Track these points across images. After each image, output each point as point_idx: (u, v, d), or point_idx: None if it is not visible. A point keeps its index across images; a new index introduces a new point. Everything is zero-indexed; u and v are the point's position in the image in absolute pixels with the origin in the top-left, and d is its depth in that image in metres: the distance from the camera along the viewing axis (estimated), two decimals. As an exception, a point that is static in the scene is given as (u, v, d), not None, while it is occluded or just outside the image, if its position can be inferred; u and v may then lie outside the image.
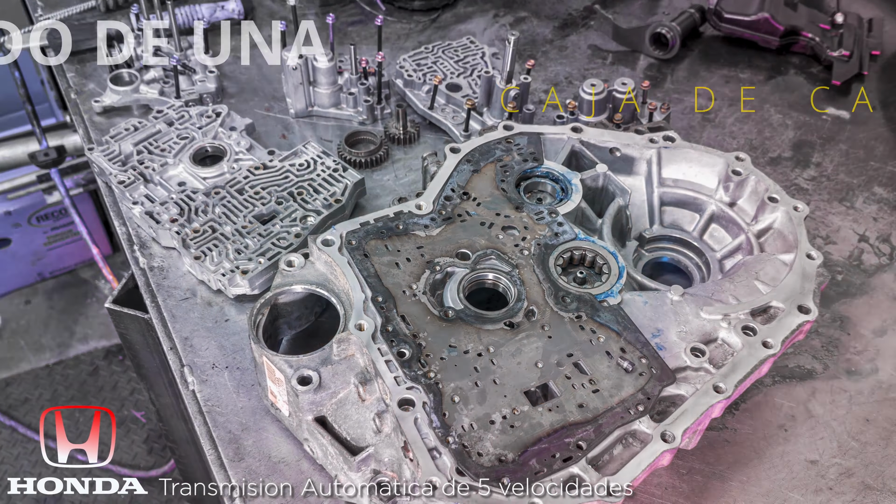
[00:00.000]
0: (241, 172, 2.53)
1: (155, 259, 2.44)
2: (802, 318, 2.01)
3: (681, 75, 3.08)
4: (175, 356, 2.24)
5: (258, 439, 2.07)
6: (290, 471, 2.01)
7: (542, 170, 2.30)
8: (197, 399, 2.15)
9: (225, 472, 2.02)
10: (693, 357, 1.94)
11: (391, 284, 2.03)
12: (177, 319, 2.30)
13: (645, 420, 1.84)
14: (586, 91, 2.60)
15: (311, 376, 1.92)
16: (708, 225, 2.36)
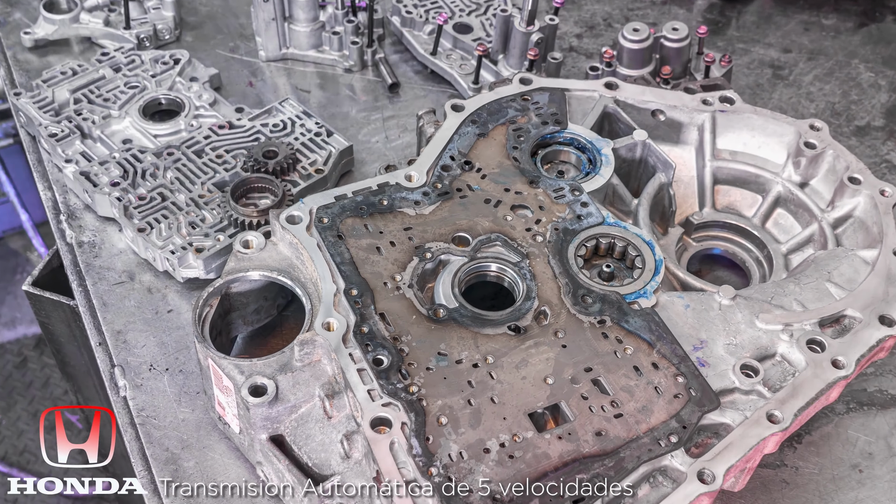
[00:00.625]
0: (202, 131, 2.50)
1: (86, 232, 2.41)
2: (885, 331, 1.95)
3: (749, 20, 3.00)
4: (104, 353, 2.21)
5: (201, 460, 2.03)
6: (238, 502, 1.98)
7: (566, 135, 2.25)
8: (129, 407, 2.12)
9: (159, 501, 1.99)
10: (743, 377, 1.88)
11: (369, 274, 1.98)
12: (108, 308, 2.27)
13: (679, 454, 1.78)
14: (627, 37, 2.53)
15: (267, 385, 1.88)
16: (772, 210, 2.31)
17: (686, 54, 2.58)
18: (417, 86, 2.75)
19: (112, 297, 2.29)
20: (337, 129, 2.60)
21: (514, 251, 2.04)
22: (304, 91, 2.75)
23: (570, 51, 2.87)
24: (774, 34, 2.95)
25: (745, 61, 2.87)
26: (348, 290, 1.95)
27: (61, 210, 2.45)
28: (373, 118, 2.67)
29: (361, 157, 2.58)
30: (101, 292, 2.30)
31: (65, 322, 2.47)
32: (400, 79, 2.76)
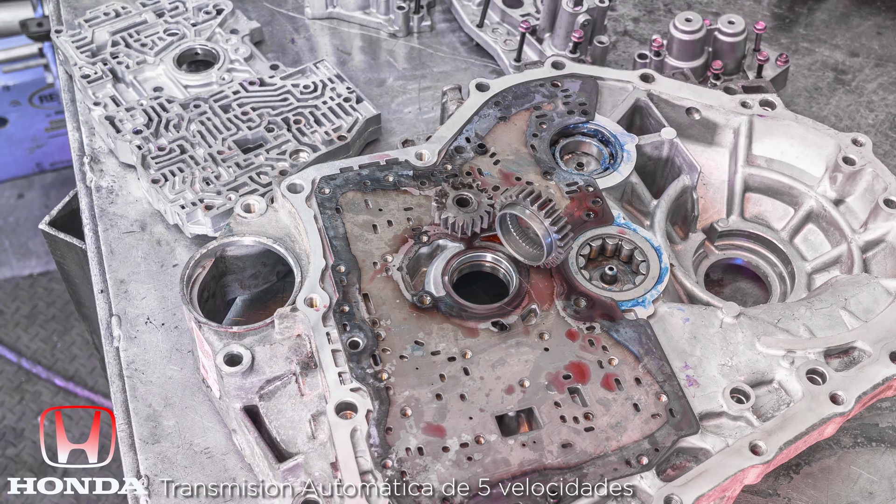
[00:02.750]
0: (232, 86, 2.44)
1: (105, 178, 2.39)
2: (894, 370, 1.83)
3: (819, 18, 2.83)
4: (105, 301, 2.20)
5: (181, 420, 2.01)
6: (212, 466, 1.95)
7: (590, 127, 2.15)
8: (119, 359, 2.11)
9: (134, 456, 1.98)
10: (733, 402, 1.78)
11: (361, 252, 1.93)
12: (115, 256, 2.26)
13: (648, 476, 1.70)
14: (679, 27, 2.41)
15: (242, 355, 1.84)
16: (803, 225, 2.18)
17: (741, 50, 2.45)
18: (461, 58, 2.67)
19: (121, 246, 2.27)
20: (370, 95, 2.54)
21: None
22: (344, 53, 2.68)
23: (624, 34, 2.75)
24: (844, 35, 2.77)
25: (807, 62, 2.70)
26: (336, 267, 1.90)
27: (86, 152, 2.44)
28: (409, 87, 2.60)
29: (391, 126, 2.51)
30: (110, 239, 2.28)
31: (78, 264, 2.46)
32: (444, 49, 2.68)
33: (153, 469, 1.95)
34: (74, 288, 2.66)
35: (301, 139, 2.34)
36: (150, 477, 1.94)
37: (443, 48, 2.70)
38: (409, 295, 1.88)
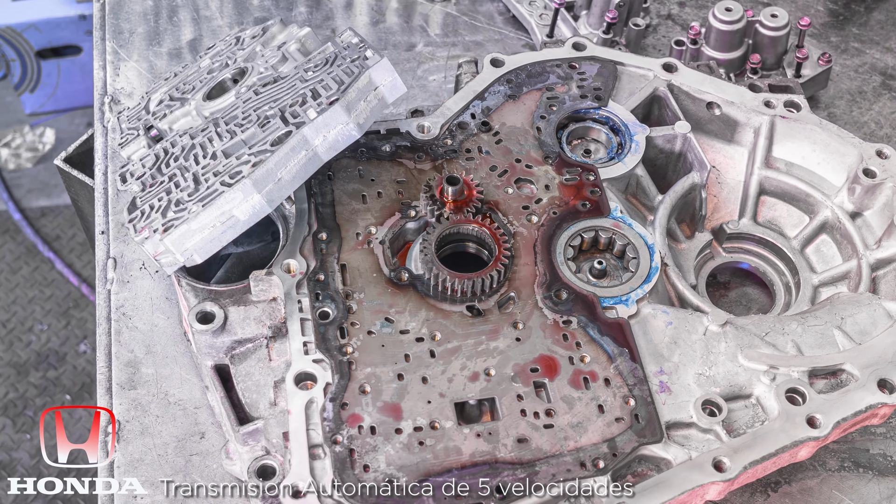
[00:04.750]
0: (246, 95, 2.03)
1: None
2: (879, 398, 1.75)
3: (875, 18, 2.69)
4: (104, 243, 2.21)
5: (159, 370, 2.02)
6: (184, 418, 1.96)
7: (602, 113, 2.08)
8: (109, 302, 2.11)
9: (109, 400, 1.99)
10: (703, 414, 1.72)
11: (345, 221, 1.90)
12: (120, 198, 2.26)
13: (602, 481, 1.65)
14: (718, 16, 2.32)
15: (215, 314, 1.83)
16: (817, 235, 2.10)
17: (782, 45, 2.36)
18: (495, 28, 2.60)
19: (127, 188, 2.28)
20: (397, 60, 2.50)
21: (503, 227, 1.91)
22: (377, 12, 2.63)
23: (668, 18, 2.65)
24: (901, 37, 2.65)
25: (855, 63, 2.58)
26: (317, 234, 1.88)
27: (108, 91, 2.44)
28: (438, 54, 2.54)
29: (413, 93, 2.46)
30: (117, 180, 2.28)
31: (90, 202, 2.47)
32: (480, 18, 2.62)
33: (126, 415, 1.96)
34: (88, 225, 2.68)
35: (288, 119, 1.87)
36: (122, 423, 1.95)
37: (479, 17, 2.64)
38: (386, 270, 1.85)
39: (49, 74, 4.88)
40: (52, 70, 4.86)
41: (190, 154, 1.92)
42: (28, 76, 4.86)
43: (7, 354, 4.33)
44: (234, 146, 1.88)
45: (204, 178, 1.85)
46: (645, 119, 2.13)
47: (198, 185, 1.83)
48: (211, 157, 1.88)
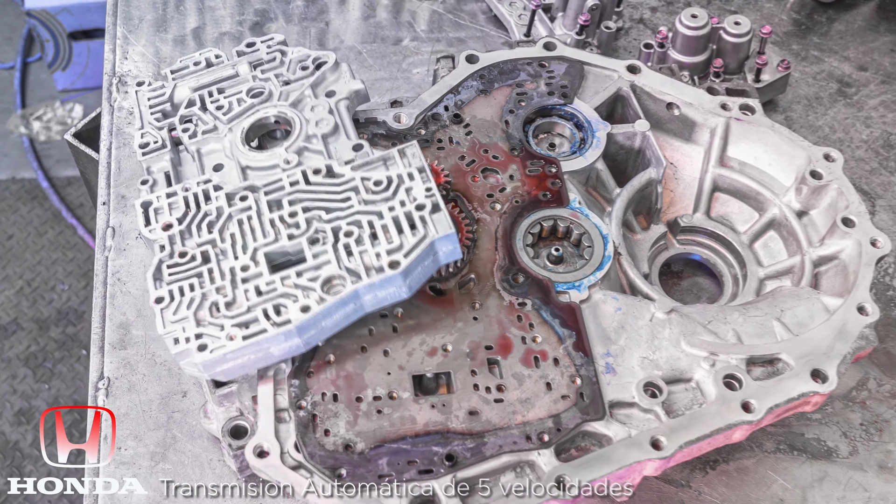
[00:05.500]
0: (293, 174, 1.76)
1: (128, 99, 2.38)
2: (811, 386, 1.71)
3: (836, 28, 2.64)
4: (105, 213, 2.19)
5: (149, 332, 2.01)
6: (168, 378, 1.95)
7: (567, 110, 2.05)
8: (107, 268, 2.10)
9: (101, 358, 1.98)
10: (645, 395, 1.69)
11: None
12: (122, 172, 2.25)
13: (546, 454, 1.62)
14: (684, 22, 2.28)
15: (197, 283, 1.81)
16: (765, 231, 2.06)
17: (744, 51, 2.31)
18: (478, 26, 2.56)
19: (128, 164, 2.26)
20: (383, 53, 2.47)
21: (467, 213, 1.88)
22: (368, 8, 2.60)
23: (639, 22, 2.61)
24: (857, 49, 2.58)
25: (814, 70, 2.53)
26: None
27: (115, 73, 2.42)
28: (423, 49, 2.51)
29: (398, 84, 2.43)
30: (120, 156, 2.27)
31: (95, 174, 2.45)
32: (464, 16, 2.58)
33: (115, 372, 1.95)
34: (93, 195, 2.66)
35: (344, 261, 1.65)
36: (112, 379, 1.94)
37: (463, 15, 2.60)
38: (358, 249, 1.82)
39: (79, 55, 4.87)
40: (83, 51, 4.86)
41: (226, 231, 1.72)
42: (60, 56, 4.86)
43: (31, 311, 4.33)
44: (276, 252, 1.68)
45: (244, 289, 1.64)
46: (608, 117, 2.10)
47: (235, 288, 1.64)
48: (251, 257, 1.68)
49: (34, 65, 5.30)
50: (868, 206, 2.25)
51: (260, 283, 1.64)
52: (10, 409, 4.04)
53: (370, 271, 1.62)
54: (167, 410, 1.90)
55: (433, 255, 1.67)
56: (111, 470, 1.83)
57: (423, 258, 1.64)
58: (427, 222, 1.66)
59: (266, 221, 1.71)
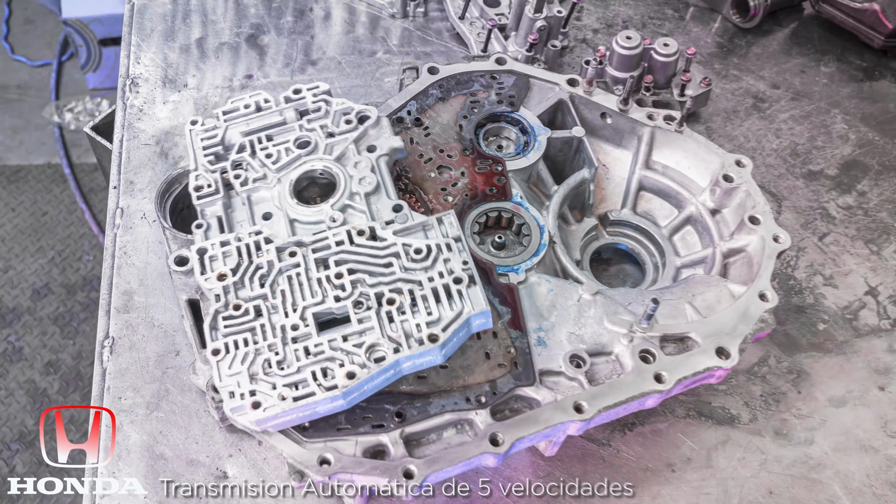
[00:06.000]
0: (338, 233, 1.67)
1: (139, 98, 2.34)
2: (715, 361, 1.70)
3: (755, 51, 2.63)
4: (115, 196, 2.16)
5: (149, 298, 1.98)
6: (164, 338, 1.93)
7: (514, 116, 2.02)
8: (115, 243, 2.07)
9: (107, 320, 1.96)
10: (570, 365, 1.68)
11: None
12: (131, 161, 2.21)
13: (483, 414, 1.62)
14: (620, 43, 2.26)
15: (188, 258, 1.77)
16: (683, 226, 2.04)
17: (671, 69, 2.29)
18: (442, 42, 2.53)
19: (137, 154, 2.23)
20: (359, 64, 2.44)
21: (424, 205, 1.86)
22: (349, 24, 2.57)
23: (583, 42, 2.58)
24: (771, 69, 2.56)
25: (733, 87, 2.51)
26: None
27: (129, 75, 2.39)
28: (394, 61, 2.47)
29: (370, 91, 2.39)
30: (130, 147, 2.24)
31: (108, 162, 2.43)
32: (431, 33, 2.55)
33: (119, 332, 1.93)
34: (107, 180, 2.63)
35: (386, 328, 1.56)
36: (116, 338, 1.92)
37: (430, 32, 2.56)
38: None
39: (108, 58, 4.82)
40: (111, 55, 4.81)
41: (276, 286, 1.63)
42: (91, 59, 4.81)
43: (60, 277, 4.30)
44: (323, 310, 1.60)
45: (294, 348, 1.56)
46: (550, 123, 2.07)
47: (285, 346, 1.56)
48: (300, 316, 1.59)
49: (68, 65, 5.25)
50: (775, 206, 2.25)
51: (309, 344, 1.56)
52: (40, 360, 4.01)
53: (410, 341, 1.55)
54: (162, 367, 1.88)
55: (467, 328, 1.60)
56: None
57: (459, 331, 1.57)
58: (464, 296, 1.58)
59: (314, 280, 1.62)
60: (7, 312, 4.17)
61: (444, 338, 1.55)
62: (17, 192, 4.65)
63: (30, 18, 5.51)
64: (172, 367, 1.89)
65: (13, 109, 5.03)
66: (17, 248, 4.42)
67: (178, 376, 1.87)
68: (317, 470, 1.55)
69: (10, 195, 4.64)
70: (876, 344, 2.04)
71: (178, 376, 1.87)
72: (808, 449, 1.88)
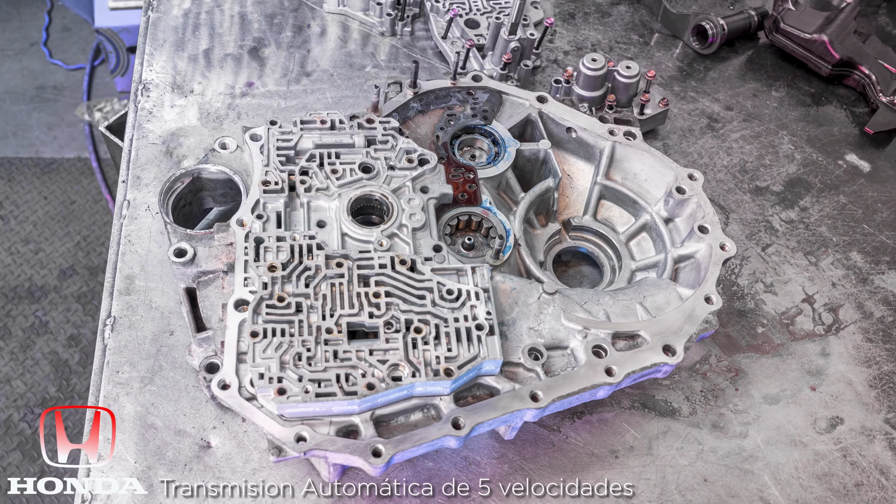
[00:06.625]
0: (383, 257, 1.68)
1: (150, 101, 2.29)
2: (662, 358, 1.67)
3: (712, 75, 2.59)
4: (123, 189, 2.11)
5: (149, 283, 1.93)
6: (161, 319, 1.88)
7: (487, 129, 1.98)
8: (121, 231, 2.03)
9: (110, 301, 1.91)
10: (529, 357, 1.64)
11: (292, 191, 1.80)
12: (139, 158, 2.16)
13: (447, 400, 1.57)
14: (586, 65, 2.21)
15: (187, 250, 1.73)
16: (639, 232, 2.00)
17: (633, 89, 2.25)
18: (426, 59, 2.47)
19: (144, 151, 2.18)
20: (350, 77, 2.39)
21: (401, 207, 1.82)
22: (342, 40, 2.51)
23: (554, 62, 2.53)
24: (726, 92, 2.52)
25: (689, 108, 2.46)
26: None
27: (142, 80, 2.34)
28: (381, 75, 2.41)
29: (357, 101, 2.34)
30: (139, 145, 2.19)
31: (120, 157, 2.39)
32: (416, 51, 2.49)
33: (120, 312, 1.88)
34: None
35: (409, 353, 1.57)
36: (117, 318, 1.88)
37: (415, 50, 2.51)
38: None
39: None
40: (138, 61, 4.76)
41: (319, 289, 1.63)
42: (120, 64, 4.75)
43: (85, 260, 4.26)
44: (356, 322, 1.60)
45: (324, 350, 1.55)
46: (520, 136, 2.03)
47: (317, 345, 1.56)
48: (335, 322, 1.59)
49: (100, 69, 5.21)
50: (723, 218, 2.21)
51: (339, 349, 1.56)
52: (63, 334, 3.97)
53: (427, 369, 1.55)
54: (157, 345, 1.84)
55: (478, 370, 1.60)
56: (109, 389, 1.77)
57: (471, 371, 1.58)
58: (482, 342, 1.59)
59: (354, 293, 1.63)
60: (36, 290, 4.12)
61: (458, 374, 1.55)
62: (50, 182, 4.61)
63: (67, 27, 5.48)
64: (166, 346, 1.84)
65: (49, 108, 4.99)
66: (48, 232, 4.38)
67: (171, 354, 1.83)
68: (293, 446, 1.51)
69: (43, 184, 4.60)
70: (810, 347, 2.00)
71: (171, 354, 1.83)
72: (742, 441, 1.84)
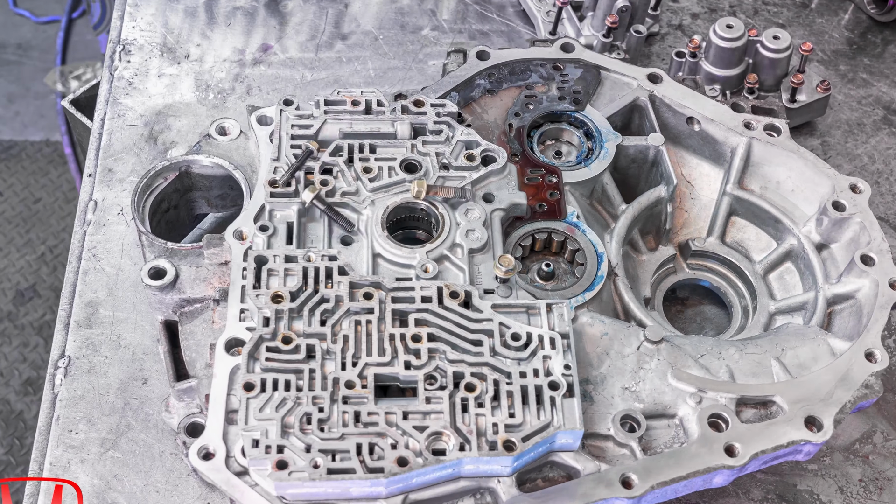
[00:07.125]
0: (427, 288, 1.64)
1: (129, 69, 2.36)
2: (803, 434, 1.65)
3: (892, 51, 2.53)
4: (89, 185, 2.17)
5: (118, 313, 1.99)
6: (131, 362, 1.92)
7: (578, 117, 2.00)
8: (83, 242, 2.09)
9: (65, 336, 1.96)
10: (620, 429, 1.64)
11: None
12: (112, 144, 2.23)
13: (506, 482, 1.58)
14: (718, 33, 2.21)
15: (166, 270, 1.78)
16: (782, 262, 1.99)
17: (782, 67, 2.23)
18: (504, 19, 2.50)
19: (120, 136, 2.25)
20: (400, 41, 2.43)
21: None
22: (401, -7, 2.55)
23: (678, 28, 2.53)
24: (913, 75, 2.50)
25: (859, 94, 2.43)
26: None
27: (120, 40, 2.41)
28: (442, 40, 2.45)
29: (411, 75, 2.38)
30: (113, 128, 2.26)
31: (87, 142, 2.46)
32: (492, 8, 2.51)
33: (77, 352, 1.93)
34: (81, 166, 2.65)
35: (456, 418, 1.53)
36: (73, 358, 1.93)
37: (490, 6, 2.53)
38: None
39: (124, 19, 4.88)
40: (128, 14, 4.87)
41: (339, 328, 1.61)
42: (106, 19, 4.86)
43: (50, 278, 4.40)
44: (387, 374, 1.58)
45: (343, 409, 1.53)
46: (625, 127, 2.05)
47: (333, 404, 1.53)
48: (359, 373, 1.56)
49: (79, 24, 5.24)
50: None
51: (362, 410, 1.52)
52: (17, 377, 4.05)
53: (481, 441, 1.51)
54: (125, 396, 1.88)
55: (550, 444, 1.57)
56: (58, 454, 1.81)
57: (540, 445, 1.55)
58: (556, 406, 1.55)
59: (386, 335, 1.59)
60: (-18, 317, 4.25)
61: (522, 449, 1.51)
62: (7, 172, 4.70)
63: (36, -34, 5.57)
64: (137, 398, 1.88)
65: (11, 73, 5.06)
66: (2, 239, 4.47)
67: (143, 409, 1.86)
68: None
69: (-2, 176, 4.72)
70: None
71: (142, 409, 1.87)
72: (916, 550, 1.81)
